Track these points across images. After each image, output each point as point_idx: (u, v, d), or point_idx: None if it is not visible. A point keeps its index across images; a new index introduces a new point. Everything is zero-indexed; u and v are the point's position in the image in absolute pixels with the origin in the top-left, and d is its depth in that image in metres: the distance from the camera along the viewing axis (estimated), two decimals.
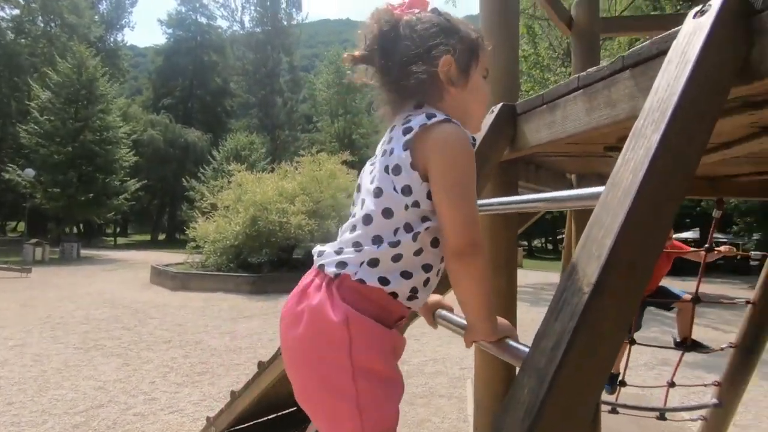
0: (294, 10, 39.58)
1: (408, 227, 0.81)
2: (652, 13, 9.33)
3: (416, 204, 0.81)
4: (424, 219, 0.81)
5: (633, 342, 2.62)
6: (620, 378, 2.78)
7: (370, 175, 0.89)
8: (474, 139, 0.87)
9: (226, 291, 11.13)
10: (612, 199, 0.62)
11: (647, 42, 0.86)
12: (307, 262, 14.21)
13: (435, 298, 1.02)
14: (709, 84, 0.65)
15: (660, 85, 0.68)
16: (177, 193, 33.86)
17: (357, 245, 0.83)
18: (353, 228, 0.86)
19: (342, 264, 0.82)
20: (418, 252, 0.82)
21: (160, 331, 6.99)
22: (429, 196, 0.81)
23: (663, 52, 0.83)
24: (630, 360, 2.92)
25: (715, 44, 0.66)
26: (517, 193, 1.64)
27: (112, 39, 39.78)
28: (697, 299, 2.68)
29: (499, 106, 1.28)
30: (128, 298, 10.05)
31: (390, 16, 0.87)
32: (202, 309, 8.97)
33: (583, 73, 1.03)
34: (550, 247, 38.02)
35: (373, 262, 0.80)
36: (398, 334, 0.87)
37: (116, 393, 4.34)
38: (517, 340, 0.79)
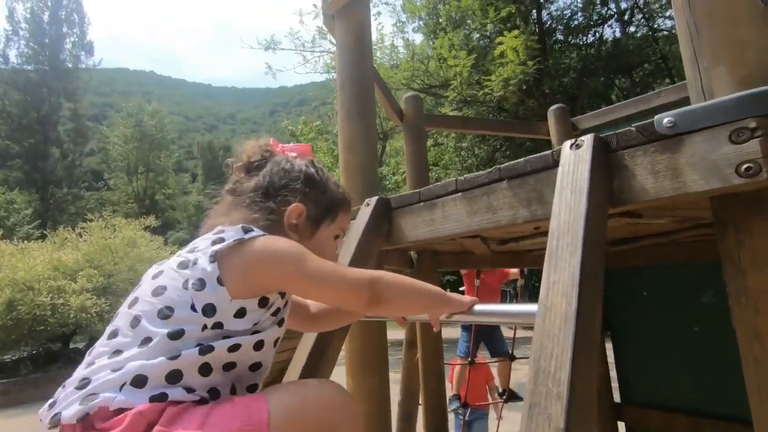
0: (83, 53, 34.42)
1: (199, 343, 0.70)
2: (439, 110, 11.58)
3: (218, 325, 0.71)
4: (225, 337, 0.71)
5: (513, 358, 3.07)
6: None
7: (153, 281, 0.74)
8: None
9: None
10: (551, 325, 0.63)
11: (522, 160, 0.96)
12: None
13: None
14: (599, 208, 0.75)
15: (561, 210, 0.75)
16: None
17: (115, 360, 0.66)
18: (116, 352, 0.67)
19: (89, 398, 0.62)
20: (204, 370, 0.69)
21: None
22: (238, 314, 0.72)
23: (536, 170, 0.95)
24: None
25: (596, 174, 0.77)
26: None
27: None
28: (513, 357, 3.23)
29: (375, 199, 1.26)
30: None
31: (266, 149, 0.89)
32: None
33: (461, 178, 1.09)
34: None
35: (140, 382, 0.64)
36: None
37: None
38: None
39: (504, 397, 3.44)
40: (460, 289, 3.88)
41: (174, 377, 0.65)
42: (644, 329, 2.65)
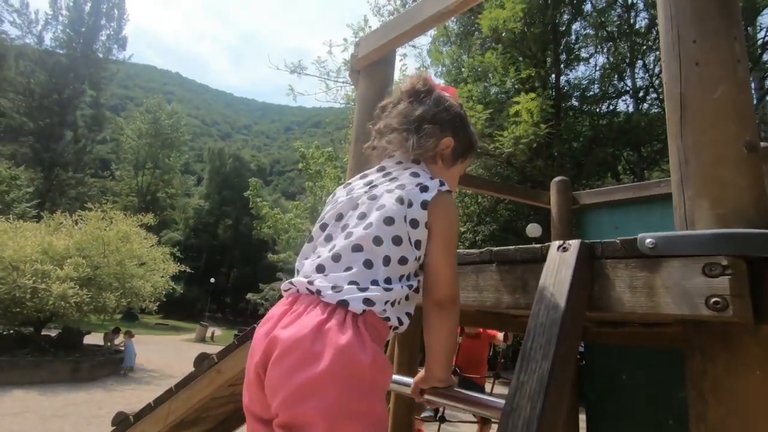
0: (116, 46, 35.44)
1: (411, 277, 0.90)
2: None
3: (419, 258, 0.89)
4: (417, 274, 0.91)
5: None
6: None
7: (381, 211, 0.90)
8: None
9: None
10: (514, 427, 0.65)
11: (512, 248, 1.01)
12: (64, 341, 10.87)
13: None
14: (576, 313, 0.79)
15: (540, 310, 0.79)
16: None
17: (386, 282, 0.85)
18: (354, 265, 0.86)
19: (369, 302, 0.82)
20: (407, 298, 0.89)
21: None
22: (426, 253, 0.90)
23: (525, 261, 0.99)
24: None
25: (578, 279, 0.81)
26: None
27: None
28: (497, 375, 3.19)
29: None
30: None
31: (427, 82, 1.04)
32: None
33: None
34: None
35: (394, 303, 0.85)
36: None
37: None
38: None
39: None
40: None
41: (389, 281, 0.85)
42: (619, 412, 2.63)
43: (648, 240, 0.81)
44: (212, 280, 37.23)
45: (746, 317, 0.70)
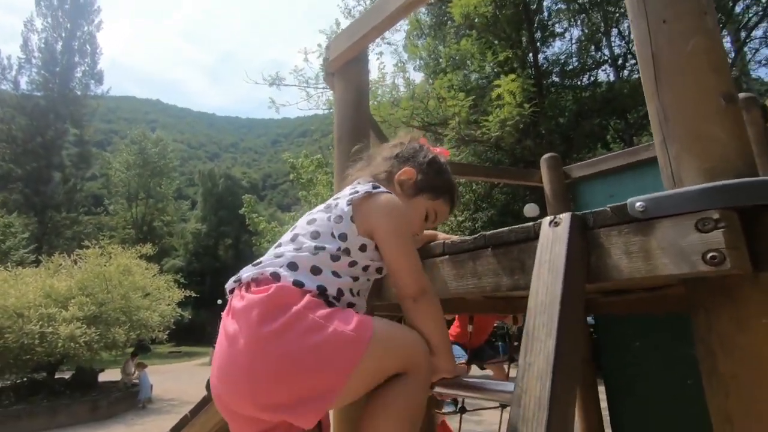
0: (93, 82, 35.23)
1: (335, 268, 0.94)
2: None
3: (347, 251, 0.95)
4: (352, 264, 0.96)
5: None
6: None
7: (308, 217, 1.03)
8: None
9: None
10: (526, 409, 0.64)
11: (506, 229, 1.00)
12: (79, 382, 10.86)
13: None
14: (576, 287, 0.78)
15: (538, 289, 0.78)
16: None
17: (290, 263, 0.92)
18: (278, 254, 0.95)
19: (260, 267, 0.93)
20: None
21: None
22: (361, 248, 0.96)
23: (519, 241, 0.98)
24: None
25: (573, 252, 0.80)
26: None
27: None
28: (511, 359, 3.16)
29: None
30: None
31: (416, 137, 1.18)
32: None
33: (448, 242, 1.13)
34: None
35: (293, 266, 0.91)
36: None
37: None
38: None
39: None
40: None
41: (316, 270, 0.90)
42: (637, 380, 2.63)
43: (638, 204, 0.80)
44: (219, 301, 37.13)
45: (745, 268, 0.70)
